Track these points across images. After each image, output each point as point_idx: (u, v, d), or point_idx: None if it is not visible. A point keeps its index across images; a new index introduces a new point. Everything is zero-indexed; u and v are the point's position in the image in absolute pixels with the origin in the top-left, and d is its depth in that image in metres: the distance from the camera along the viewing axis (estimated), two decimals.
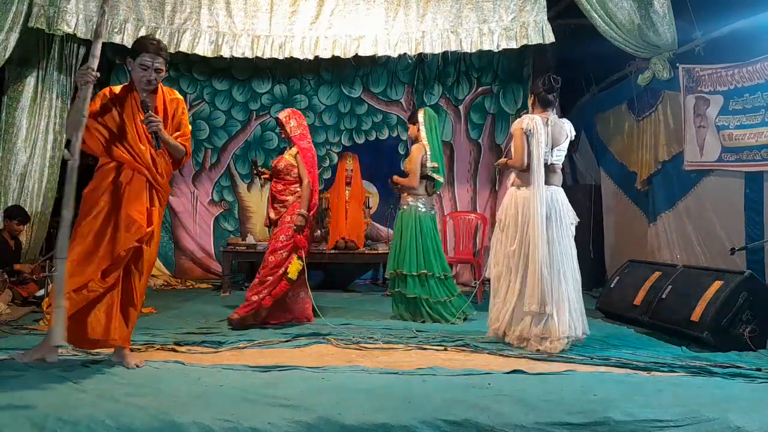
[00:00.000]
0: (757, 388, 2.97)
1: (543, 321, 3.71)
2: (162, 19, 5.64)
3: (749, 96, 4.46)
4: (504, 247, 3.92)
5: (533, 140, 3.82)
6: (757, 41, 4.40)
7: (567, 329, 3.69)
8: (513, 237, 3.86)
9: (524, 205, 3.83)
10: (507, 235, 3.91)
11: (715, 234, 4.85)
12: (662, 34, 5.13)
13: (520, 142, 3.85)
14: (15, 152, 5.81)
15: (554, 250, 3.76)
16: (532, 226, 3.76)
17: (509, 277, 3.88)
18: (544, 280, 3.70)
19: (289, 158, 4.62)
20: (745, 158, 4.47)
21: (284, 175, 4.61)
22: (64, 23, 5.40)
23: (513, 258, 3.85)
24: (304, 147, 4.63)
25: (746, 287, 3.81)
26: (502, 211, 4.01)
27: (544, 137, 3.83)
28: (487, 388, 2.87)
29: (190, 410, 2.47)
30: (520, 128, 3.87)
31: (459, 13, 5.63)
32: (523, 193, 3.86)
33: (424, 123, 5.00)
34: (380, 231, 7.09)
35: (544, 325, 3.71)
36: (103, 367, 3.17)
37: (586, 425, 2.41)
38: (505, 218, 3.95)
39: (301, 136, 4.65)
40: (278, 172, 4.63)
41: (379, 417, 2.42)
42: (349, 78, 7.07)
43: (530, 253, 3.76)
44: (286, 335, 4.08)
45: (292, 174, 4.60)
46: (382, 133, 7.15)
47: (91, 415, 2.40)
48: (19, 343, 3.75)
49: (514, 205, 3.90)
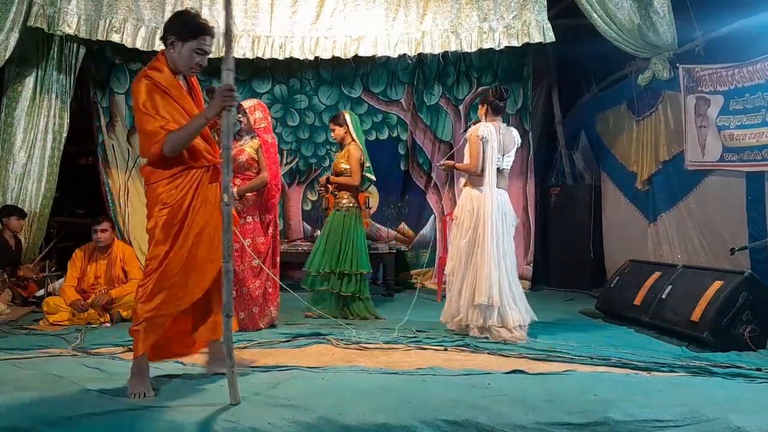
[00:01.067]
0: (757, 388, 2.97)
1: (496, 312, 4.05)
2: (162, 19, 5.62)
3: (750, 96, 4.46)
4: (459, 242, 4.22)
5: (488, 146, 4.16)
6: (757, 41, 4.40)
7: (519, 318, 4.07)
8: (466, 232, 4.17)
9: (478, 204, 4.17)
10: (461, 231, 4.21)
11: (716, 234, 4.85)
12: (662, 34, 5.13)
13: (477, 148, 4.17)
14: (14, 152, 5.80)
15: (501, 248, 4.11)
16: (483, 224, 4.11)
17: (464, 271, 4.17)
18: (492, 274, 4.03)
19: (251, 151, 4.36)
20: (747, 158, 4.47)
21: (245, 170, 4.33)
22: (65, 24, 5.40)
23: (464, 253, 4.16)
24: (268, 141, 4.46)
25: (746, 287, 3.81)
26: (458, 209, 4.31)
27: (497, 144, 4.17)
28: (487, 388, 2.87)
29: (191, 410, 2.47)
30: (477, 135, 4.19)
31: (459, 13, 5.62)
32: (477, 193, 4.20)
33: (351, 124, 5.08)
34: (380, 231, 7.09)
35: (498, 316, 4.05)
36: (103, 367, 3.18)
37: (586, 425, 2.41)
38: (461, 215, 4.25)
39: (265, 130, 4.48)
40: (238, 167, 4.27)
41: (379, 417, 2.42)
42: (349, 78, 7.06)
43: (481, 249, 4.09)
44: (286, 335, 4.08)
45: (252, 169, 4.36)
46: (382, 133, 7.15)
47: (91, 415, 2.40)
48: (19, 343, 3.76)
49: (469, 203, 4.21)
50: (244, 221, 4.35)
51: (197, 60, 2.86)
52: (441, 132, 7.07)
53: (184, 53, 2.83)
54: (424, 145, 7.11)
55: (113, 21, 5.52)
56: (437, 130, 7.08)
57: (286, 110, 7.08)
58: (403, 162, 7.13)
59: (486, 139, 4.17)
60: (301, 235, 7.07)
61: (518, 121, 6.93)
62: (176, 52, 2.82)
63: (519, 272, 6.76)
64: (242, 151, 4.35)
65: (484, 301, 4.02)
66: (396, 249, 6.54)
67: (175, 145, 2.70)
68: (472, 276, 4.11)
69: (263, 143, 4.43)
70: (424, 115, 7.08)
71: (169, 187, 2.75)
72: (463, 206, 4.27)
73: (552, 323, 4.67)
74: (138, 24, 5.58)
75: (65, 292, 4.64)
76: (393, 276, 6.39)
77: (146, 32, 5.59)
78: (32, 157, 5.88)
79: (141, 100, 2.71)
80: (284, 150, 7.09)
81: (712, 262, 4.79)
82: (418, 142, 7.11)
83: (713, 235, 4.91)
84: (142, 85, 2.73)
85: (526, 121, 6.92)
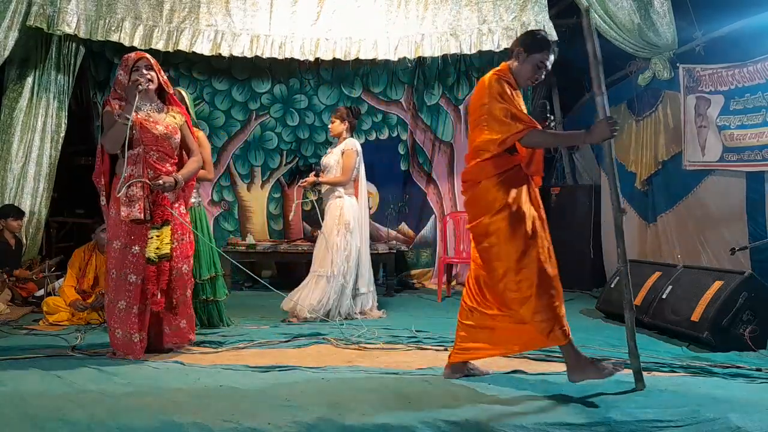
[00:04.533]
0: (757, 389, 2.96)
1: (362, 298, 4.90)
2: (160, 18, 5.63)
3: (750, 96, 4.46)
4: (355, 245, 4.81)
5: (359, 159, 4.88)
6: (757, 41, 4.40)
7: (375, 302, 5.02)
8: (358, 236, 4.85)
9: (358, 211, 4.88)
10: (353, 236, 4.80)
11: (717, 234, 4.85)
12: (662, 34, 5.13)
13: (353, 162, 4.80)
14: (12, 152, 5.79)
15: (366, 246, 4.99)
16: (359, 227, 4.86)
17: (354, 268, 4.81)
18: (370, 269, 4.98)
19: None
20: (747, 158, 4.48)
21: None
22: (65, 23, 5.39)
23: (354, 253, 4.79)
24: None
25: (747, 287, 3.81)
26: (349, 216, 4.78)
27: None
28: (486, 388, 2.87)
29: (190, 410, 2.47)
30: (355, 150, 4.84)
31: (458, 15, 5.62)
32: (354, 201, 4.88)
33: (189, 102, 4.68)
34: (380, 231, 7.09)
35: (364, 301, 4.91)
36: (103, 367, 3.18)
37: (586, 425, 2.40)
38: (352, 222, 4.79)
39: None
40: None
41: (379, 417, 2.41)
42: (349, 78, 7.06)
43: (362, 248, 4.89)
44: (286, 335, 4.08)
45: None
46: (382, 133, 7.15)
47: (91, 415, 2.40)
48: (19, 343, 3.75)
49: (355, 210, 4.86)
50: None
51: (537, 74, 2.97)
52: (441, 132, 7.07)
53: (527, 65, 2.94)
54: (425, 145, 7.11)
55: (112, 20, 5.52)
56: (437, 130, 7.08)
57: (286, 110, 7.08)
58: (403, 162, 7.13)
59: (359, 153, 4.87)
60: (301, 235, 7.07)
61: None
62: (521, 64, 2.95)
63: None
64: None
65: (365, 290, 4.90)
66: (396, 249, 6.53)
67: (535, 142, 2.81)
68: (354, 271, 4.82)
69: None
70: (425, 115, 7.08)
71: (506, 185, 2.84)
72: (351, 214, 4.80)
73: None
74: (136, 23, 5.57)
75: (65, 292, 4.64)
76: (393, 276, 6.39)
77: (144, 31, 5.59)
78: (30, 157, 5.87)
79: (497, 90, 2.81)
80: (284, 150, 7.09)
81: (713, 262, 4.79)
82: (419, 142, 7.11)
83: (713, 235, 4.91)
84: (495, 82, 2.85)
85: None
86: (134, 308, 3.40)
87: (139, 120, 3.38)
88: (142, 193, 3.35)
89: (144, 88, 3.39)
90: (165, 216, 3.44)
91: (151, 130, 3.42)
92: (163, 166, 3.45)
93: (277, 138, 7.09)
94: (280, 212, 7.10)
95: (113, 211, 3.44)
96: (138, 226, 3.39)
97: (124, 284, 3.39)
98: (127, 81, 3.45)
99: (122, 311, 3.40)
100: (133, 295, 3.39)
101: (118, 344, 3.44)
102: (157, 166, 3.43)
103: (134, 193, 3.35)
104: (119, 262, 3.40)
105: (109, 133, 3.37)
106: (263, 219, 7.11)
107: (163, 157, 3.47)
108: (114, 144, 3.36)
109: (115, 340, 3.45)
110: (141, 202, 3.33)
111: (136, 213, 3.33)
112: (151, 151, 3.42)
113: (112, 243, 3.43)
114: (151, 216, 3.38)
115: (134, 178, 3.37)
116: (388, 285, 6.31)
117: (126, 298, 3.39)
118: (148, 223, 3.39)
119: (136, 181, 3.35)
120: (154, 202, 3.41)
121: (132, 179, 3.36)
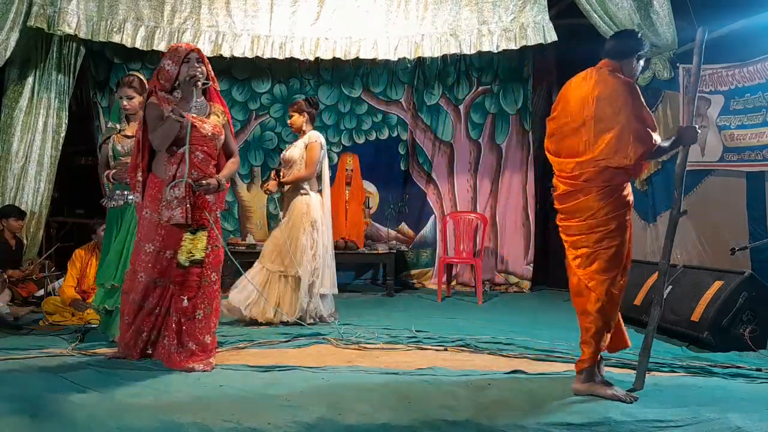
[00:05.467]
0: (757, 389, 2.97)
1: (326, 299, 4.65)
2: (162, 19, 5.63)
3: (750, 96, 4.46)
4: (322, 243, 4.59)
5: (324, 153, 4.69)
6: (757, 41, 4.40)
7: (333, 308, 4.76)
8: (323, 234, 4.62)
9: (322, 206, 4.66)
10: (319, 234, 4.59)
11: (718, 234, 4.85)
12: (662, 34, 5.14)
13: (318, 154, 4.59)
14: (12, 152, 5.80)
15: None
16: (324, 225, 4.63)
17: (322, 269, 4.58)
18: (331, 268, 4.67)
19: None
20: (747, 158, 4.48)
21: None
22: (65, 24, 5.40)
23: (320, 251, 4.57)
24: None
25: (747, 287, 3.81)
26: (316, 214, 4.59)
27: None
28: (487, 388, 2.87)
29: (190, 410, 2.47)
30: (319, 143, 4.63)
31: (458, 15, 5.63)
32: (319, 198, 4.66)
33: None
34: (380, 231, 7.09)
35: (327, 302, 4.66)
36: (103, 367, 3.17)
37: (586, 425, 2.40)
38: (318, 220, 4.59)
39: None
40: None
41: (379, 417, 2.42)
42: (349, 78, 7.06)
43: (327, 246, 4.64)
44: (286, 335, 4.08)
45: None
46: (382, 133, 7.14)
47: (91, 415, 2.40)
48: (19, 343, 3.75)
49: (320, 207, 4.65)
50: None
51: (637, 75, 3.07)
52: (441, 132, 7.07)
53: (637, 67, 3.01)
54: (425, 145, 7.11)
55: (113, 21, 5.52)
56: (437, 130, 7.08)
57: (286, 110, 7.06)
58: (403, 162, 7.13)
59: (323, 146, 4.66)
60: None
61: (518, 121, 6.93)
62: (633, 66, 2.99)
63: (519, 272, 6.89)
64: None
65: (326, 291, 4.62)
66: (396, 249, 6.53)
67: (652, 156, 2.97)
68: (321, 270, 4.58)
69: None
70: (425, 115, 7.08)
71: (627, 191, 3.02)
72: (316, 211, 4.58)
73: (552, 323, 4.66)
74: (138, 23, 5.58)
75: (65, 292, 4.64)
76: (393, 276, 6.39)
77: (146, 32, 5.59)
78: (30, 156, 5.87)
79: (639, 95, 2.84)
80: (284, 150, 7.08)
81: (713, 262, 4.79)
82: (419, 142, 7.11)
83: (713, 235, 4.90)
84: (626, 86, 2.84)
85: (527, 121, 6.92)
86: (157, 309, 3.28)
87: (192, 119, 3.22)
88: (184, 195, 3.18)
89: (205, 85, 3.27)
90: (202, 220, 3.28)
91: (200, 129, 3.26)
92: (207, 168, 3.30)
93: (277, 138, 7.09)
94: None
95: (147, 211, 3.26)
96: (174, 229, 3.21)
97: (151, 288, 3.25)
98: (175, 73, 3.26)
99: (143, 311, 3.27)
100: (159, 299, 3.27)
101: (121, 343, 3.34)
102: (201, 167, 3.27)
103: (177, 195, 3.17)
104: (149, 266, 3.22)
105: (161, 129, 3.19)
106: (263, 219, 7.11)
107: (207, 159, 3.30)
108: (165, 141, 3.20)
109: (122, 338, 3.34)
110: (184, 205, 3.16)
111: (178, 217, 3.15)
112: (197, 151, 3.25)
113: (144, 245, 3.24)
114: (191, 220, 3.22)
115: (179, 178, 3.19)
116: (388, 285, 6.30)
117: (151, 300, 3.26)
118: (190, 227, 3.23)
119: (180, 182, 3.18)
120: (194, 204, 3.23)
121: (177, 180, 3.19)
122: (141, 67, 6.69)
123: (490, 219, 6.83)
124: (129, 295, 3.30)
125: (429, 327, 4.40)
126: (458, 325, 4.60)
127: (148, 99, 3.28)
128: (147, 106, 3.26)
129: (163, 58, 3.32)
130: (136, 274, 3.27)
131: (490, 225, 6.78)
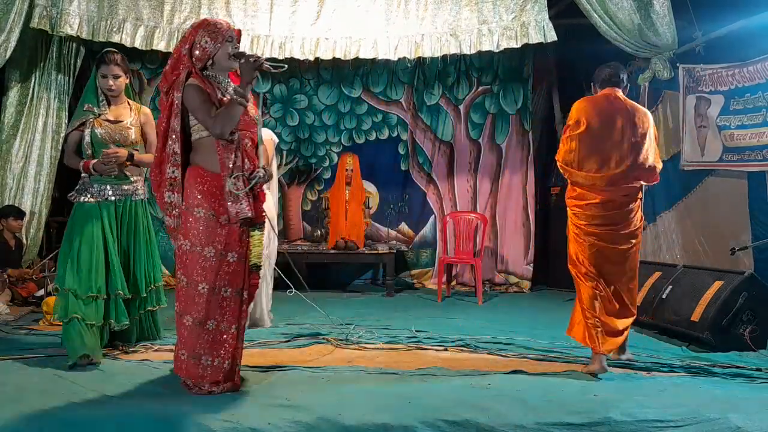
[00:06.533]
0: (757, 388, 2.97)
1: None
2: (161, 19, 5.63)
3: (750, 96, 4.46)
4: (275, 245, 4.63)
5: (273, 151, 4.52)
6: (757, 41, 4.40)
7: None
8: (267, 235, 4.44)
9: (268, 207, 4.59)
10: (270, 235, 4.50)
11: (718, 234, 4.85)
12: (662, 34, 5.14)
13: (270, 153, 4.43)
14: (12, 152, 5.79)
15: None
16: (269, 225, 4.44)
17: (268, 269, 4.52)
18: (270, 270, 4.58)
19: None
20: (747, 158, 4.47)
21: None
22: (67, 25, 5.39)
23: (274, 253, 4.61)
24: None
25: (747, 287, 3.81)
26: (272, 214, 4.43)
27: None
28: (487, 388, 2.87)
29: (191, 410, 2.47)
30: (273, 141, 4.55)
31: (458, 15, 5.62)
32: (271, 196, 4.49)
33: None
34: (380, 231, 7.09)
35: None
36: (103, 367, 3.18)
37: (586, 425, 2.41)
38: (273, 220, 4.51)
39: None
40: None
41: (379, 417, 2.42)
42: (349, 78, 7.06)
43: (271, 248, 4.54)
44: (286, 335, 4.08)
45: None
46: (382, 133, 7.14)
47: (91, 415, 2.40)
48: (19, 343, 3.75)
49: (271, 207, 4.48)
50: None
51: None
52: (441, 132, 7.06)
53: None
54: (425, 145, 7.11)
55: (113, 21, 5.52)
56: (437, 130, 7.08)
57: (286, 110, 7.08)
58: (403, 162, 7.13)
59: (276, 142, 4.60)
60: (301, 235, 7.07)
61: (518, 121, 6.93)
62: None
63: (519, 272, 6.89)
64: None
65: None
66: (396, 249, 6.53)
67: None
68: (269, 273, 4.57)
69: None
70: (425, 114, 7.08)
71: None
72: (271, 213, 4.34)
73: (552, 323, 4.66)
74: (137, 23, 5.58)
75: None
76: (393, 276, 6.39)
77: (145, 32, 5.59)
78: (30, 157, 5.87)
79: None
80: (284, 150, 7.09)
81: (713, 262, 4.79)
82: (419, 142, 7.11)
83: (714, 235, 4.90)
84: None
85: (527, 121, 6.92)
86: (232, 329, 2.80)
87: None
88: (243, 186, 2.80)
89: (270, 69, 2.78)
90: (263, 217, 2.93)
91: (249, 111, 2.87)
92: (254, 156, 2.90)
93: (276, 138, 7.09)
94: (281, 212, 7.10)
95: (201, 210, 2.79)
96: (233, 227, 2.80)
97: (217, 300, 2.77)
98: (213, 51, 2.81)
99: (212, 333, 2.76)
100: (231, 314, 2.79)
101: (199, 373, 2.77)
102: (252, 155, 2.87)
103: (238, 187, 2.78)
104: (212, 273, 2.76)
105: (226, 115, 2.72)
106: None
107: (253, 146, 2.91)
108: (229, 127, 2.74)
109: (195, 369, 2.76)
110: (248, 198, 2.81)
111: (245, 211, 2.77)
112: (245, 138, 2.85)
113: (201, 250, 2.76)
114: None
115: (237, 169, 2.80)
116: (388, 285, 6.30)
117: (220, 317, 2.77)
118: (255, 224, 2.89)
119: (239, 174, 2.79)
120: (255, 197, 2.88)
121: (236, 171, 2.78)
122: (141, 66, 6.70)
123: (490, 219, 6.83)
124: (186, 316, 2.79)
125: (429, 327, 4.40)
126: (458, 325, 4.60)
127: (187, 80, 2.79)
128: (188, 89, 2.76)
129: (194, 34, 2.83)
130: (196, 286, 2.77)
131: (490, 225, 6.78)
